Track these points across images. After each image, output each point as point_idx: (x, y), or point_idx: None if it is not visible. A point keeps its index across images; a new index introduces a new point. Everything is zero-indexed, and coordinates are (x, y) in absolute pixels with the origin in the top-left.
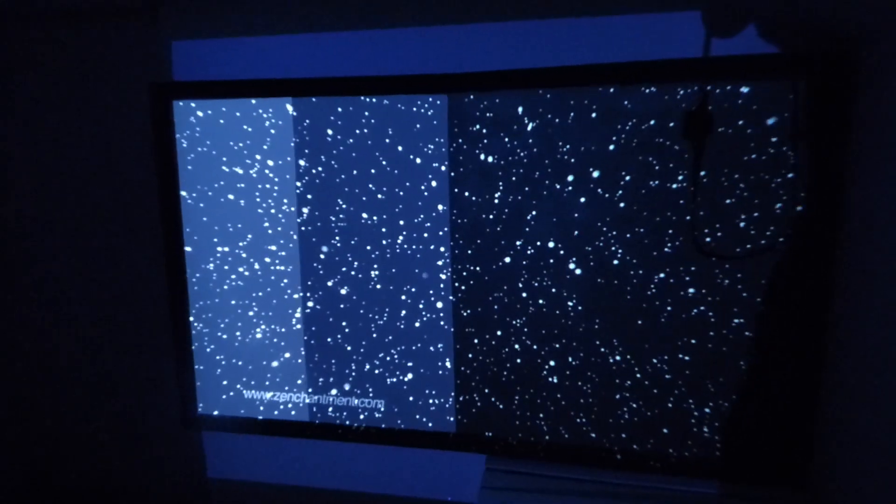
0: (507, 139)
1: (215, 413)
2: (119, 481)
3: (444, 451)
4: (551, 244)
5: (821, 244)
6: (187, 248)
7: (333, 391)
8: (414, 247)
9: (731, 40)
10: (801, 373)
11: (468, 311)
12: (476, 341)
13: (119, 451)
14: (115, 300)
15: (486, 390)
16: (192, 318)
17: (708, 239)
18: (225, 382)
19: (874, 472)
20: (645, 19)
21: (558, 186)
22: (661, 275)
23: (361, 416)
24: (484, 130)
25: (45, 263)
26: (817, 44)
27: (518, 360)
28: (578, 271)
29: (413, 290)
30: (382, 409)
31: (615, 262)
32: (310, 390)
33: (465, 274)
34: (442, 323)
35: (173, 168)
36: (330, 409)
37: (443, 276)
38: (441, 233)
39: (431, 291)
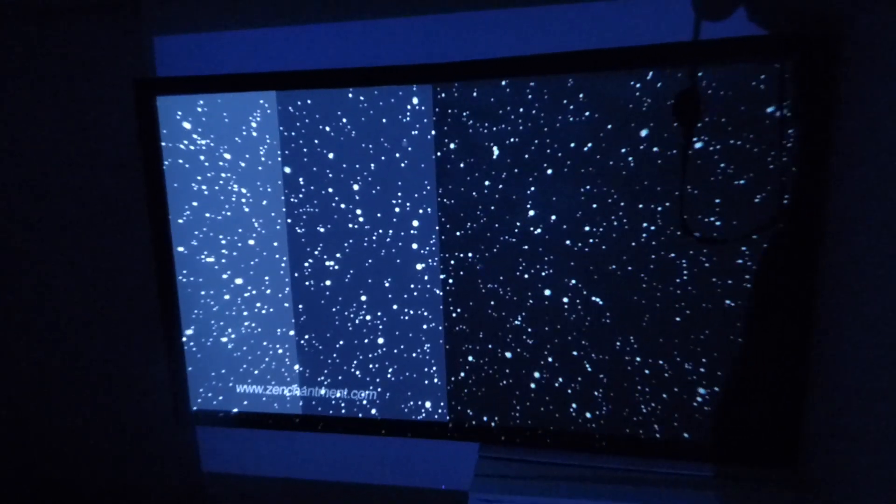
0: (499, 108)
1: (208, 408)
2: (115, 478)
3: (438, 440)
4: (554, 227)
5: (808, 227)
6: (178, 249)
7: (323, 384)
8: (391, 231)
9: (722, 24)
10: (790, 356)
11: (459, 307)
12: (469, 341)
13: (114, 447)
14: (105, 297)
15: (479, 394)
16: (181, 313)
17: (699, 221)
18: (217, 376)
19: (859, 449)
20: (634, 5)
21: (560, 156)
22: (673, 258)
23: (352, 407)
24: (474, 90)
25: (34, 261)
26: (806, 24)
27: (516, 362)
28: (582, 258)
29: (392, 282)
30: (376, 399)
31: (631, 245)
32: (301, 383)
33: (454, 263)
34: (425, 325)
35: (159, 164)
36: (321, 401)
37: (419, 267)
38: (421, 211)
39: (413, 285)
